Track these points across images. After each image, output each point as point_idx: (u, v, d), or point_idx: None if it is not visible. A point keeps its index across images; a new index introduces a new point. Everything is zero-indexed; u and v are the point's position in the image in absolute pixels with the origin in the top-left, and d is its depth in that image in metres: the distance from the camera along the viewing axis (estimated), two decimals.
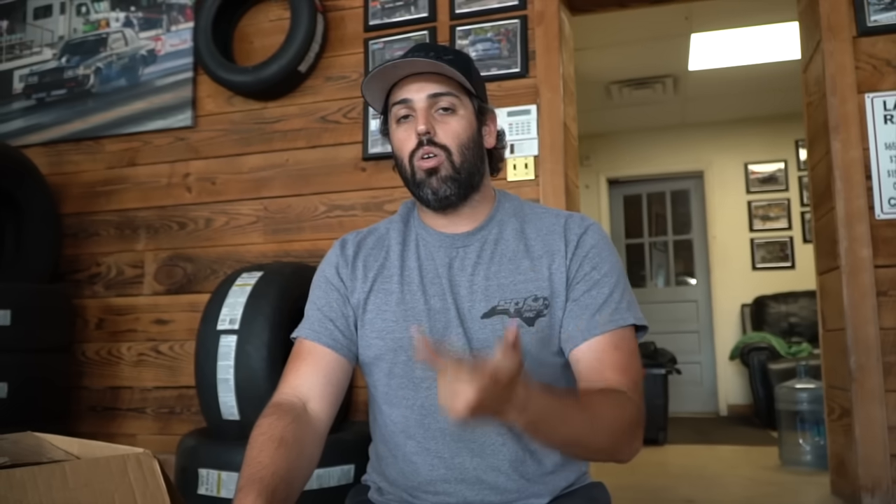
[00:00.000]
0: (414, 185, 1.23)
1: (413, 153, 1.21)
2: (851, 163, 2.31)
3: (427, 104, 1.20)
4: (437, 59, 1.17)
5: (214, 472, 2.02)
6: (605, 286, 1.19)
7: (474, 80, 1.24)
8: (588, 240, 1.23)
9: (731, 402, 6.32)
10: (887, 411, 2.21)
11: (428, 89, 1.19)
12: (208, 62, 2.83)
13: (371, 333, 1.23)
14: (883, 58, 2.33)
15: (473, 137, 1.23)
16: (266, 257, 2.79)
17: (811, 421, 3.76)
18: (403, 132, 1.22)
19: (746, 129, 6.44)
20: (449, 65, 1.18)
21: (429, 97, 1.19)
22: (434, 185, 1.20)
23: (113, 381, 2.93)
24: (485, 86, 1.30)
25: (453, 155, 1.20)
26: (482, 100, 1.26)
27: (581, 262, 1.21)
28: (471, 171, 1.22)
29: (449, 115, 1.20)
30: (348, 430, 2.21)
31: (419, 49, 1.24)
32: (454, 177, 1.20)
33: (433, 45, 1.24)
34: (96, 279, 3.02)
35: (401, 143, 1.23)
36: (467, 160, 1.21)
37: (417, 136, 1.19)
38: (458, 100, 1.21)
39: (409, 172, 1.22)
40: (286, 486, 1.02)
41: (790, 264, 6.31)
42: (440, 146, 1.19)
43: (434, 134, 1.19)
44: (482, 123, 1.26)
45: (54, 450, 1.02)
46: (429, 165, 1.19)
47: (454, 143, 1.20)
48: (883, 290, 2.26)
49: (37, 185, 2.81)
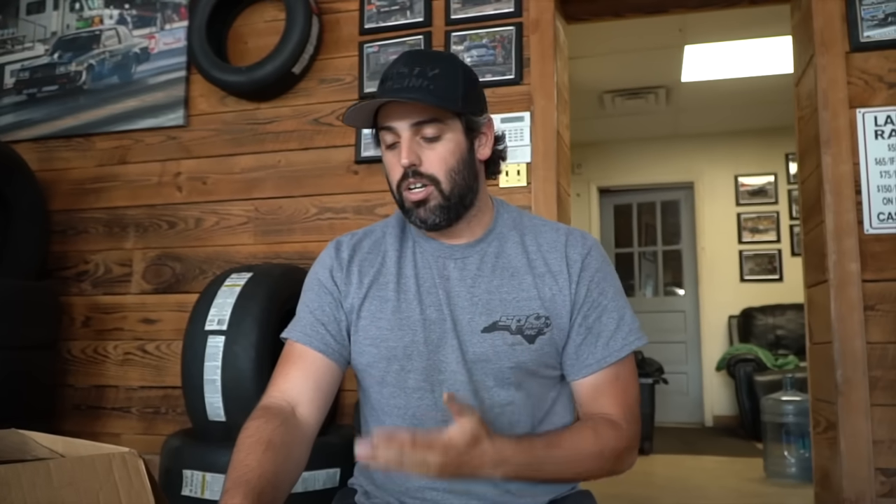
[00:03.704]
0: (404, 212, 1.22)
1: (401, 182, 1.18)
2: (841, 177, 2.33)
3: (411, 133, 1.16)
4: (422, 77, 1.14)
5: (199, 474, 2.00)
6: (613, 311, 1.22)
7: (464, 91, 1.19)
8: (592, 262, 1.23)
9: (716, 412, 6.35)
10: (872, 425, 2.22)
11: (411, 117, 1.15)
12: (202, 61, 2.82)
13: (364, 340, 1.22)
14: (875, 73, 2.35)
15: (463, 158, 1.19)
16: (256, 258, 2.78)
17: (796, 433, 3.78)
18: (392, 157, 1.19)
19: (737, 141, 6.49)
20: (436, 81, 1.14)
21: (412, 126, 1.16)
22: (422, 214, 1.18)
23: (98, 379, 2.91)
24: (479, 91, 1.25)
25: (442, 184, 1.17)
26: (474, 113, 1.21)
27: (588, 288, 1.21)
28: (462, 194, 1.19)
29: (435, 143, 1.17)
30: (335, 434, 2.20)
31: (405, 63, 1.18)
32: (444, 205, 1.18)
33: (420, 57, 1.21)
34: (84, 277, 2.99)
35: (389, 169, 1.21)
36: (457, 185, 1.18)
37: (402, 168, 1.17)
38: (444, 123, 1.17)
39: (398, 199, 1.21)
40: (273, 490, 1.01)
41: (778, 277, 6.35)
42: (427, 176, 1.16)
43: (420, 164, 1.16)
44: (474, 138, 1.22)
45: (38, 448, 1.01)
46: (416, 198, 1.17)
47: (442, 171, 1.17)
48: (870, 304, 2.27)
49: (26, 181, 2.78)
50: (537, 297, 1.19)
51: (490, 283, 1.21)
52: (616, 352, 1.20)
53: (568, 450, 1.12)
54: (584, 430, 1.15)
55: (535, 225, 1.29)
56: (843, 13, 2.38)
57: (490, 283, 1.21)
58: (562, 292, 1.20)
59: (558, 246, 1.23)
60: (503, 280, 1.21)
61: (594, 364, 1.19)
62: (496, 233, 1.26)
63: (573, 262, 1.22)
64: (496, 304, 1.19)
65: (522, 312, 1.18)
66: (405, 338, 1.20)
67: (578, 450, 1.13)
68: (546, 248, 1.24)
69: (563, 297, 1.20)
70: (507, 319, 1.18)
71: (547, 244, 1.24)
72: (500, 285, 1.21)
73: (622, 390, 1.21)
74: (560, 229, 1.27)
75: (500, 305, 1.19)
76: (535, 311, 1.19)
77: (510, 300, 1.19)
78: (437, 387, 1.18)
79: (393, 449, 0.93)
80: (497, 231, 1.26)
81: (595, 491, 1.32)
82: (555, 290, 1.20)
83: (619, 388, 1.21)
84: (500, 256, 1.24)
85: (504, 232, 1.26)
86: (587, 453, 1.13)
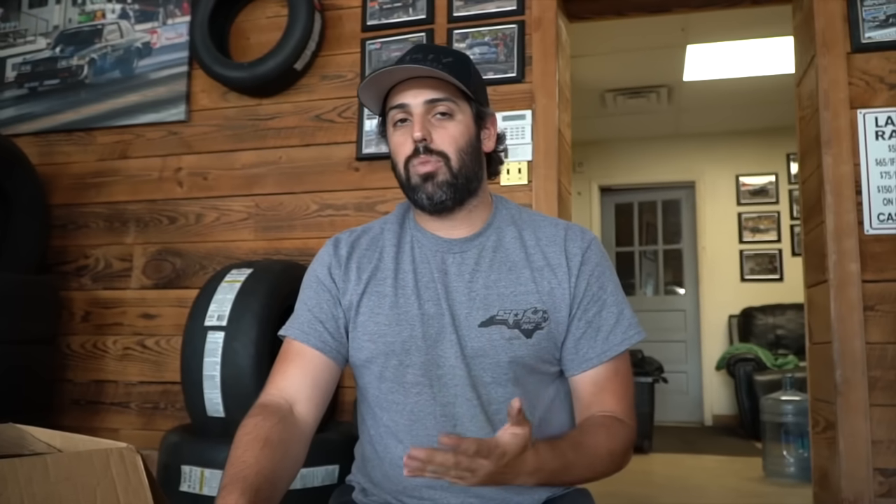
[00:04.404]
0: (409, 189, 1.22)
1: (409, 158, 1.19)
2: (842, 177, 2.33)
3: (424, 109, 1.18)
4: (436, 62, 1.16)
5: (197, 470, 2.00)
6: (613, 306, 1.22)
7: (474, 83, 1.22)
8: (592, 257, 1.23)
9: (716, 412, 6.35)
10: (871, 425, 2.22)
11: (425, 94, 1.18)
12: (204, 57, 2.81)
13: (363, 336, 1.22)
14: (876, 74, 2.34)
15: (471, 142, 1.21)
16: (256, 254, 2.77)
17: (795, 433, 3.78)
18: (400, 136, 1.20)
19: (739, 141, 6.48)
20: (448, 68, 1.16)
21: (426, 102, 1.18)
22: (429, 189, 1.19)
23: (97, 374, 2.91)
24: (485, 88, 1.28)
25: (451, 160, 1.18)
26: (481, 103, 1.24)
27: (588, 282, 1.21)
28: (468, 177, 1.21)
29: (446, 120, 1.19)
30: (334, 431, 2.20)
31: (418, 50, 1.21)
32: (451, 182, 1.19)
33: (433, 47, 1.24)
34: (84, 271, 2.99)
35: (397, 148, 1.21)
36: (465, 165, 1.20)
37: (414, 143, 1.17)
38: (456, 104, 1.19)
39: (405, 177, 1.21)
40: (270, 486, 1.01)
41: (778, 276, 6.35)
42: (437, 153, 1.18)
43: (431, 140, 1.17)
44: (481, 127, 1.24)
45: (36, 442, 1.01)
46: (425, 170, 1.18)
47: (452, 149, 1.18)
48: (870, 304, 2.27)
49: (26, 175, 2.78)
50: (535, 290, 1.20)
51: (488, 278, 1.21)
52: (616, 346, 1.20)
53: (589, 451, 1.12)
54: (599, 430, 1.15)
55: (533, 220, 1.29)
56: (844, 14, 2.37)
57: (488, 277, 1.21)
58: (561, 286, 1.20)
59: (557, 240, 1.24)
60: (501, 274, 1.21)
61: (594, 358, 1.20)
62: (494, 227, 1.26)
63: (573, 256, 1.22)
64: (494, 298, 1.19)
65: (520, 306, 1.19)
66: (403, 333, 1.20)
67: (597, 451, 1.13)
68: (545, 242, 1.24)
69: (563, 291, 1.20)
70: (504, 313, 1.18)
71: (546, 238, 1.25)
72: (497, 279, 1.21)
73: (622, 385, 1.22)
74: (559, 224, 1.28)
75: (497, 300, 1.19)
76: (532, 304, 1.19)
77: (508, 294, 1.19)
78: (435, 382, 1.18)
79: (448, 456, 0.91)
80: (495, 225, 1.27)
81: (594, 490, 1.32)
82: (553, 283, 1.20)
83: (620, 383, 1.21)
84: (498, 250, 1.24)
85: (502, 226, 1.27)
86: (604, 453, 1.14)
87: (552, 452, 1.05)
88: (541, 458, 1.01)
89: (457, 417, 1.18)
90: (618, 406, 1.19)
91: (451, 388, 1.18)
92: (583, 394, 1.22)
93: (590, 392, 1.21)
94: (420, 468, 0.91)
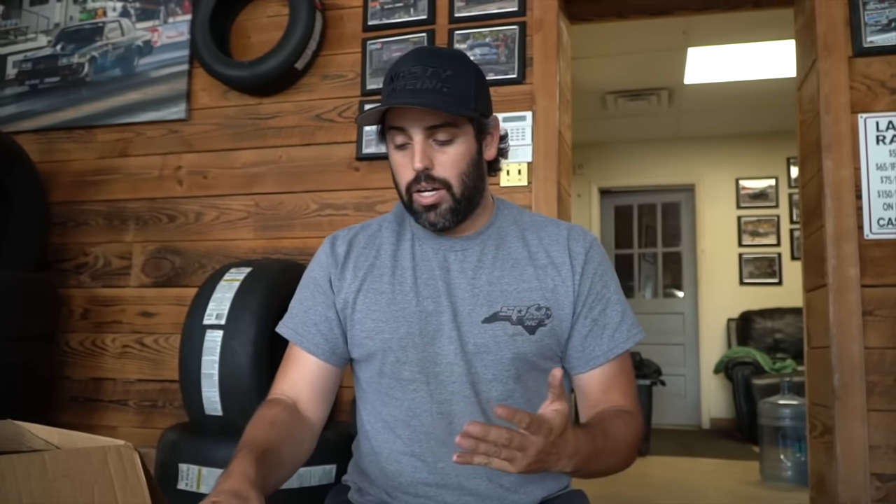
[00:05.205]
0: (412, 212, 1.21)
1: (411, 184, 1.17)
2: (842, 182, 2.33)
3: (424, 135, 1.15)
4: (436, 78, 1.12)
5: (195, 468, 2.00)
6: (616, 304, 1.23)
7: (475, 93, 1.18)
8: (595, 256, 1.24)
9: (713, 415, 6.35)
10: (869, 430, 2.22)
11: (425, 120, 1.14)
12: (204, 55, 2.81)
13: (360, 333, 1.23)
14: (877, 79, 2.34)
15: (473, 161, 1.19)
16: (255, 253, 2.77)
17: (793, 437, 3.78)
18: (401, 158, 1.18)
19: (739, 144, 6.49)
20: (449, 83, 1.13)
21: (426, 129, 1.14)
22: (432, 218, 1.18)
23: (96, 372, 2.91)
24: (488, 92, 1.24)
25: (454, 188, 1.17)
26: (484, 114, 1.20)
27: (592, 280, 1.22)
28: (471, 196, 1.20)
29: (447, 146, 1.16)
30: (331, 430, 2.19)
31: (417, 62, 1.15)
32: (454, 208, 1.18)
33: (433, 55, 1.19)
34: (83, 269, 2.99)
35: (399, 169, 1.19)
36: (467, 188, 1.18)
37: (415, 171, 1.15)
38: (457, 128, 1.16)
39: (407, 200, 1.20)
40: (274, 456, 1.04)
41: (777, 280, 6.35)
42: (439, 180, 1.16)
43: (433, 168, 1.15)
44: (483, 140, 1.22)
45: (34, 439, 1.01)
46: (428, 202, 1.16)
47: (454, 175, 1.17)
48: (869, 309, 2.27)
49: (26, 173, 2.78)
50: (538, 287, 1.20)
51: (491, 275, 1.21)
52: (622, 343, 1.21)
53: (613, 440, 1.11)
54: (618, 421, 1.14)
55: (535, 221, 1.30)
56: (846, 18, 2.37)
57: (491, 273, 1.21)
58: (564, 283, 1.21)
59: (560, 239, 1.25)
60: (504, 271, 1.22)
61: (601, 356, 1.20)
62: (496, 226, 1.27)
63: (576, 255, 1.23)
64: (497, 294, 1.20)
65: (523, 303, 1.19)
66: (400, 329, 1.20)
67: (619, 440, 1.12)
68: (548, 241, 1.25)
69: (566, 289, 1.20)
70: (507, 310, 1.19)
71: (548, 237, 1.25)
72: (500, 276, 1.21)
73: (628, 382, 1.23)
74: (560, 224, 1.29)
75: (501, 296, 1.19)
76: (535, 301, 1.19)
77: (511, 291, 1.20)
78: (432, 379, 1.19)
79: (503, 432, 0.87)
80: (497, 224, 1.27)
81: (591, 491, 1.32)
82: (557, 280, 1.21)
83: (626, 380, 1.23)
84: (501, 248, 1.24)
85: (504, 226, 1.27)
86: (623, 443, 1.13)
87: (587, 436, 1.03)
88: (578, 441, 0.99)
89: (453, 415, 1.18)
90: (626, 401, 1.20)
91: (448, 385, 1.18)
92: (590, 392, 1.22)
93: (598, 390, 1.21)
94: (473, 447, 0.87)
